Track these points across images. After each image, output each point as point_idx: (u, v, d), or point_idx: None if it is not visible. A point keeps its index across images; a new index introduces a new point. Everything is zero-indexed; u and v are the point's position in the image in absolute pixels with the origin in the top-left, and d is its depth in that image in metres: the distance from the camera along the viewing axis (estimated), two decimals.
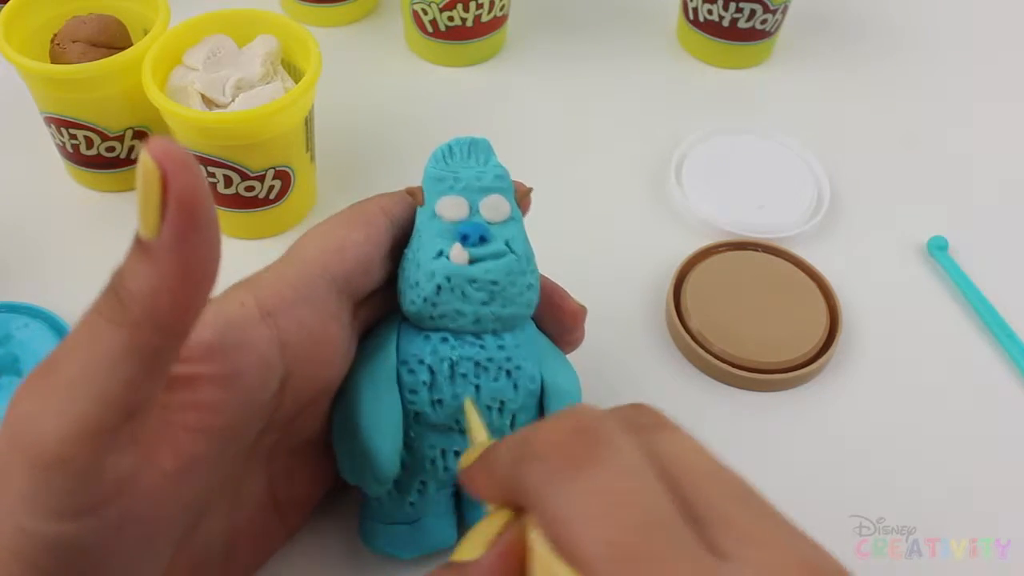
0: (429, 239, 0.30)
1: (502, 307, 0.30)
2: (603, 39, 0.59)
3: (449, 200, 0.30)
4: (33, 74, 0.43)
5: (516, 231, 0.30)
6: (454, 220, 0.30)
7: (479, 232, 0.29)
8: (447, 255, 0.29)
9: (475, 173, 0.30)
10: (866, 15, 0.62)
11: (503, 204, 0.30)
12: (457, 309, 0.29)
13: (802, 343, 0.41)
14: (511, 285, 0.30)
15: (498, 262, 0.29)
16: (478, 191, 0.30)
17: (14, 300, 0.42)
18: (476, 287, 0.29)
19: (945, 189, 0.51)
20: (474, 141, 0.31)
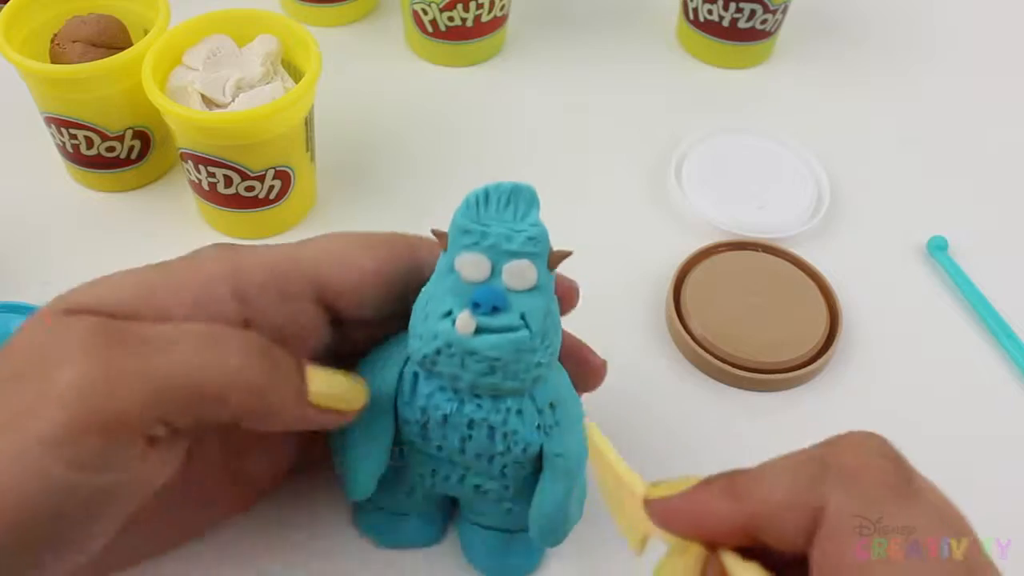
0: (441, 293, 0.27)
1: (502, 380, 0.28)
2: (603, 39, 0.59)
3: (470, 258, 0.27)
4: (33, 74, 0.43)
5: (538, 303, 0.27)
6: (471, 280, 0.27)
7: (493, 301, 0.27)
8: (453, 319, 0.27)
9: (506, 231, 0.27)
10: (866, 15, 0.62)
11: (529, 272, 0.27)
12: (454, 374, 0.28)
13: (802, 343, 0.41)
14: (515, 362, 0.27)
15: (506, 338, 0.27)
16: (504, 253, 0.27)
17: (14, 300, 0.42)
18: (476, 359, 0.27)
19: (945, 189, 0.51)
20: (516, 189, 0.27)
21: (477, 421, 0.29)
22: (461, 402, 0.29)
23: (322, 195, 0.49)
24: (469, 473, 0.31)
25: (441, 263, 0.28)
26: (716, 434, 0.40)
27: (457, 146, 0.52)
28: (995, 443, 0.40)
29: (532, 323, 0.27)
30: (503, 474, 0.30)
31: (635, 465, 0.35)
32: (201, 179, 0.43)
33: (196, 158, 0.42)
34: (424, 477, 0.32)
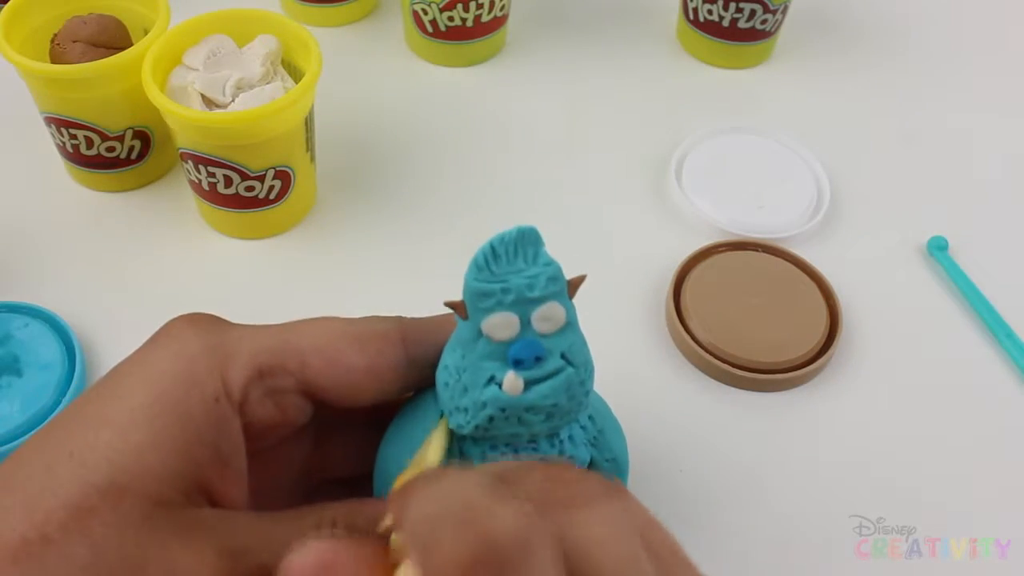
0: (477, 363, 0.26)
1: (561, 419, 0.27)
2: (603, 39, 0.59)
3: (498, 319, 0.25)
4: (33, 74, 0.43)
5: (573, 338, 0.26)
6: (503, 340, 0.26)
7: (534, 353, 0.26)
8: (498, 382, 0.26)
9: (525, 280, 0.25)
10: (866, 15, 0.62)
11: (558, 312, 0.26)
12: (512, 433, 0.27)
13: (802, 343, 0.41)
14: (571, 401, 0.27)
15: (557, 381, 0.26)
16: (529, 303, 0.26)
17: (14, 300, 0.42)
18: (533, 412, 0.26)
19: (945, 189, 0.51)
20: (521, 234, 0.26)
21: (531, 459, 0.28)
22: (515, 451, 0.28)
23: (322, 195, 0.49)
24: None
25: (462, 332, 0.27)
26: (716, 434, 0.40)
27: (457, 146, 0.52)
28: (995, 443, 0.40)
29: (575, 359, 0.26)
30: None
31: (635, 465, 0.36)
32: (201, 179, 0.43)
33: (196, 158, 0.42)
34: None
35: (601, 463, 0.30)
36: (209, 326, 0.27)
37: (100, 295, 0.44)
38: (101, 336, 0.42)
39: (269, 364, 0.27)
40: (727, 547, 0.36)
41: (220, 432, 0.26)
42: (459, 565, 0.19)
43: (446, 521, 0.20)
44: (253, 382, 0.27)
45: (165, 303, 0.43)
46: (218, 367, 0.26)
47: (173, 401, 0.25)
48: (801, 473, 0.38)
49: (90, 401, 0.26)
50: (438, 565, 0.19)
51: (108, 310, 0.43)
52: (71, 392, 0.39)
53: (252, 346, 0.27)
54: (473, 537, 0.19)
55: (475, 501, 0.20)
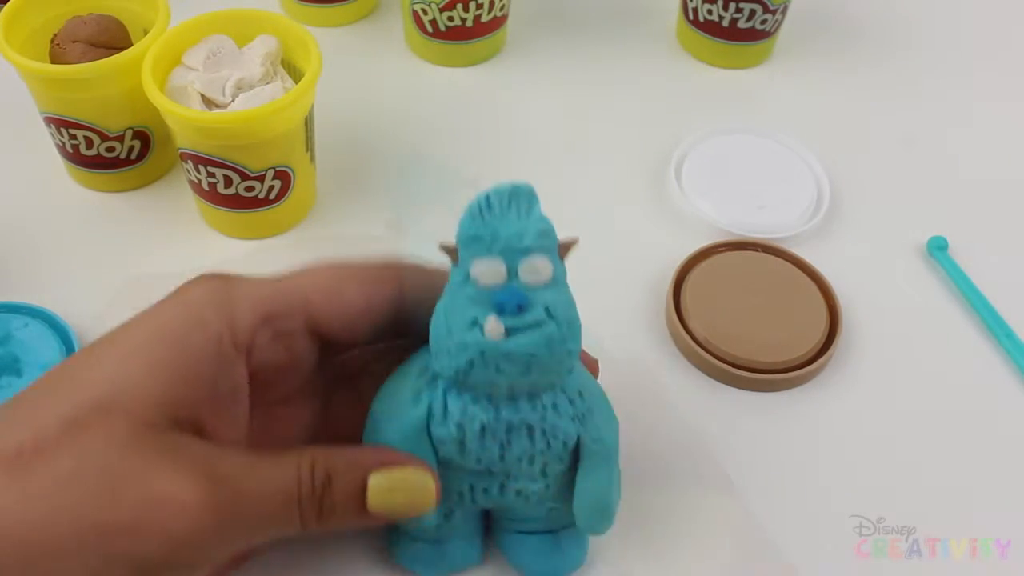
0: (462, 305, 0.27)
1: (539, 377, 0.28)
2: (603, 39, 0.59)
3: (485, 263, 0.26)
4: (33, 74, 0.43)
5: (558, 294, 0.27)
6: (489, 286, 0.27)
7: (517, 301, 0.26)
8: (481, 326, 0.26)
9: (516, 230, 0.27)
10: (866, 15, 0.62)
11: (545, 265, 0.27)
12: (491, 381, 0.27)
13: (802, 343, 0.41)
14: (550, 356, 0.27)
15: (536, 333, 0.27)
16: (518, 252, 0.27)
17: (14, 300, 0.42)
18: (511, 362, 0.27)
19: (945, 189, 0.51)
20: (515, 190, 0.27)
21: (516, 424, 0.29)
22: (497, 409, 0.28)
23: (322, 195, 0.49)
24: (509, 480, 0.30)
25: (454, 277, 0.27)
26: (716, 434, 0.40)
27: (457, 146, 0.52)
28: (995, 443, 0.40)
29: (557, 314, 0.27)
30: (544, 474, 0.30)
31: (634, 464, 0.36)
32: (201, 179, 0.43)
33: (196, 158, 0.42)
34: (463, 495, 0.31)
35: (588, 442, 0.30)
36: (219, 278, 0.29)
37: (100, 295, 0.43)
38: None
39: (275, 307, 0.28)
40: (727, 547, 0.36)
41: (219, 371, 0.27)
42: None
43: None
44: (260, 326, 0.28)
45: None
46: (224, 312, 0.28)
47: (173, 336, 0.27)
48: (801, 473, 0.38)
49: (99, 342, 0.27)
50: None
51: (108, 310, 0.43)
52: None
53: (258, 292, 0.29)
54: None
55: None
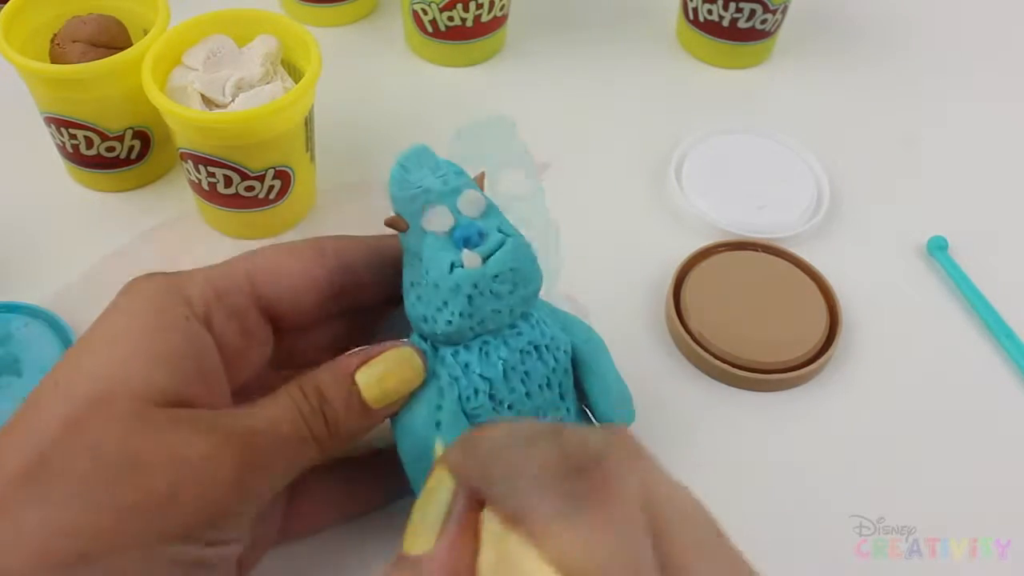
0: (433, 257, 0.29)
1: (526, 287, 0.30)
2: (603, 39, 0.59)
3: (432, 212, 0.29)
4: (33, 74, 0.43)
5: (499, 215, 0.30)
6: (446, 230, 0.29)
7: (475, 230, 0.29)
8: (460, 264, 0.29)
9: (438, 178, 0.30)
10: (865, 15, 0.62)
11: (477, 196, 0.30)
12: (493, 308, 0.30)
13: (802, 343, 0.41)
14: (526, 263, 0.30)
15: (507, 248, 0.29)
16: (450, 193, 0.30)
17: (14, 300, 0.42)
18: (500, 281, 0.29)
19: (945, 189, 0.51)
20: (416, 151, 0.31)
21: (526, 348, 0.30)
22: (505, 342, 0.30)
23: (322, 195, 0.49)
24: (540, 414, 0.32)
25: (410, 242, 0.30)
26: (716, 434, 0.40)
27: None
28: (995, 443, 0.40)
29: (508, 229, 0.30)
30: (562, 396, 0.32)
31: None
32: (201, 179, 0.43)
33: (196, 158, 0.42)
34: None
35: (580, 344, 0.32)
36: (162, 274, 0.30)
37: (100, 295, 0.43)
38: None
39: (221, 283, 0.29)
40: None
41: (196, 347, 0.28)
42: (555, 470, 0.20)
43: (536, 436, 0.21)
44: (213, 303, 0.29)
45: None
46: (180, 295, 0.28)
47: (145, 325, 0.27)
48: (801, 473, 0.38)
49: (69, 353, 0.28)
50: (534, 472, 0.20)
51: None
52: None
53: (204, 274, 0.30)
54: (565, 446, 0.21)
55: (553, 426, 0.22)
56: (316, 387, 0.28)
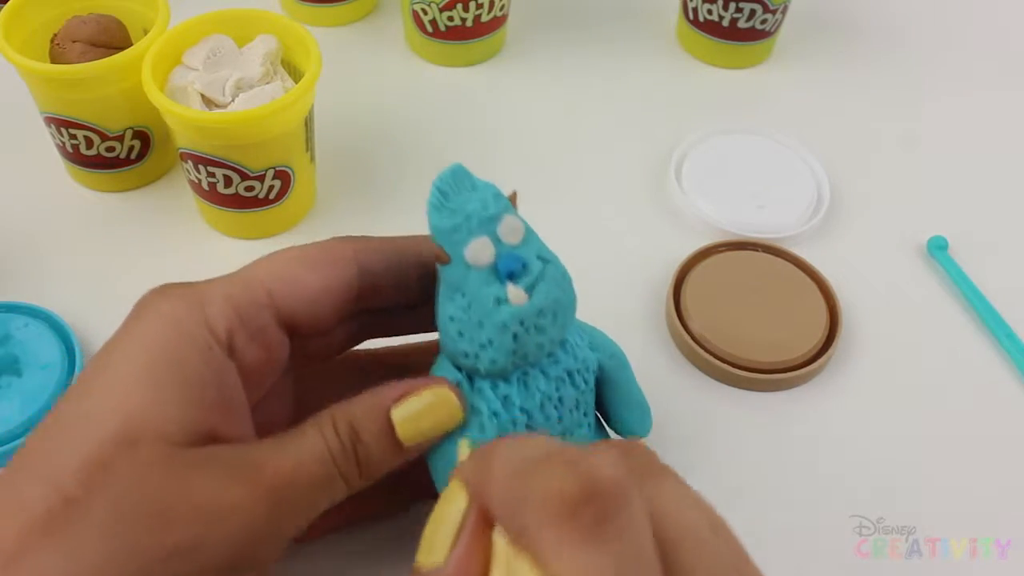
0: (477, 293, 0.28)
1: (565, 315, 0.29)
2: (603, 39, 0.59)
3: (475, 244, 0.28)
4: (33, 74, 0.43)
5: (535, 240, 0.29)
6: (489, 262, 0.28)
7: (518, 262, 0.28)
8: (505, 300, 0.28)
9: (477, 204, 0.28)
10: (865, 15, 0.62)
11: (515, 222, 0.29)
12: (537, 343, 0.29)
13: (802, 343, 0.41)
14: (567, 293, 0.29)
15: (547, 279, 0.28)
16: (491, 221, 0.28)
17: (14, 300, 0.42)
18: (544, 314, 0.28)
19: (945, 189, 0.51)
20: (454, 171, 0.29)
21: (561, 376, 0.30)
22: (544, 373, 0.30)
23: (322, 195, 0.49)
24: (566, 434, 0.31)
25: (451, 275, 0.28)
26: (716, 434, 0.40)
27: (457, 146, 0.52)
28: (995, 443, 0.40)
29: (548, 254, 0.29)
30: (585, 414, 0.32)
31: None
32: (201, 179, 0.43)
33: (196, 158, 0.42)
34: None
35: (605, 360, 0.32)
36: (179, 288, 0.28)
37: (100, 295, 0.43)
38: (101, 336, 0.42)
39: (243, 302, 0.28)
40: None
41: (219, 377, 0.27)
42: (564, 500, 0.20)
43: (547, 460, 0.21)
44: (235, 327, 0.28)
45: None
46: (201, 319, 0.27)
47: (168, 356, 0.26)
48: (801, 473, 0.38)
49: (87, 375, 0.27)
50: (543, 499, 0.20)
51: (108, 310, 0.42)
52: None
53: (223, 291, 0.28)
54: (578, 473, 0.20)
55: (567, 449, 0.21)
56: (349, 424, 0.27)
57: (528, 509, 0.20)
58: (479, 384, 0.29)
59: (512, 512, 0.21)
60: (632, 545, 0.20)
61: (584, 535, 0.19)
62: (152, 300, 0.28)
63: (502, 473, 0.21)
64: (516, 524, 0.21)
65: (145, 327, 0.27)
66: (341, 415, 0.27)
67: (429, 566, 0.22)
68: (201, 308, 0.27)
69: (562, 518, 0.19)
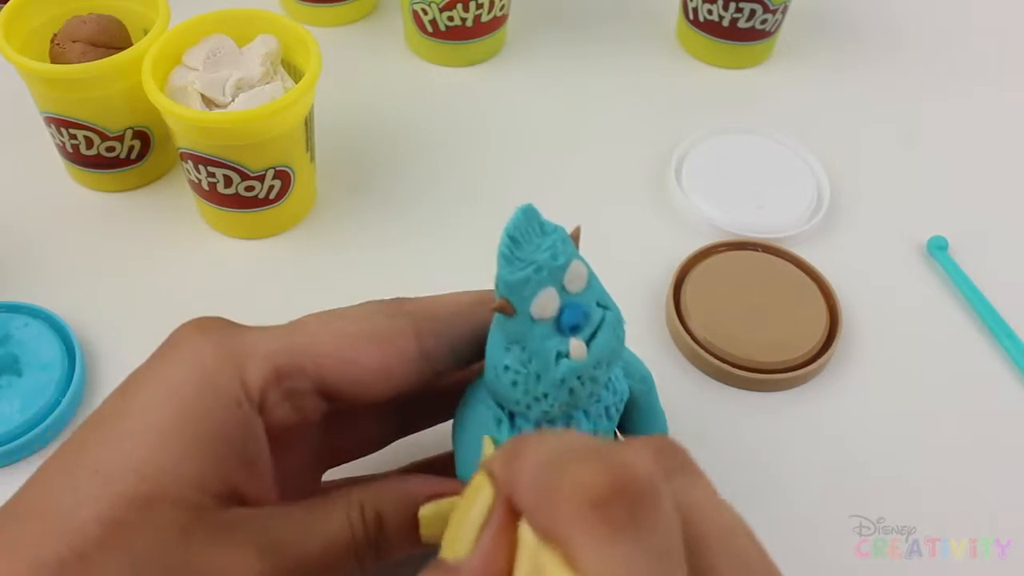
0: (539, 347, 0.27)
1: (615, 362, 0.29)
2: (603, 39, 0.59)
3: (543, 298, 0.27)
4: (33, 74, 0.43)
5: (596, 285, 0.28)
6: (553, 315, 0.27)
7: (581, 314, 0.27)
8: (565, 355, 0.27)
9: (548, 253, 0.27)
10: (865, 15, 0.62)
11: (582, 269, 0.27)
12: (591, 392, 0.28)
13: (802, 343, 0.41)
14: (619, 340, 0.28)
15: (606, 329, 0.28)
16: (559, 271, 0.27)
17: (14, 300, 0.42)
18: (598, 367, 0.28)
19: (945, 189, 0.51)
20: (526, 214, 0.27)
21: (599, 414, 0.30)
22: (585, 415, 0.29)
23: (322, 195, 0.49)
24: None
25: (512, 327, 0.27)
26: (716, 434, 0.40)
27: (457, 146, 0.52)
28: (995, 443, 0.40)
29: (607, 300, 0.28)
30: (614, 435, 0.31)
31: None
32: (201, 179, 0.43)
33: (196, 158, 0.42)
34: None
35: (634, 386, 0.31)
36: (220, 330, 0.27)
37: (100, 295, 0.44)
38: (101, 336, 0.42)
39: (285, 366, 0.27)
40: None
41: (244, 435, 0.26)
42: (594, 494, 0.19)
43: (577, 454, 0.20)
44: (271, 385, 0.27)
45: (165, 303, 0.44)
46: (236, 372, 0.26)
47: (195, 409, 0.25)
48: (801, 473, 0.38)
49: (107, 416, 0.26)
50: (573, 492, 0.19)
51: (108, 310, 0.43)
52: (71, 392, 0.39)
53: (266, 348, 0.27)
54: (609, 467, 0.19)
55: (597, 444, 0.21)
56: (377, 513, 0.27)
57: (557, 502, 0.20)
58: (520, 424, 0.28)
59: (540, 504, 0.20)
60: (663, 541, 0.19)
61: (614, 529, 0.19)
62: (186, 338, 0.27)
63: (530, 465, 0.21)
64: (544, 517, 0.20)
65: (173, 373, 0.26)
66: (370, 502, 0.27)
67: (454, 558, 0.22)
68: (236, 360, 0.26)
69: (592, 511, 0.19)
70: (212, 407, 0.25)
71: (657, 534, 0.19)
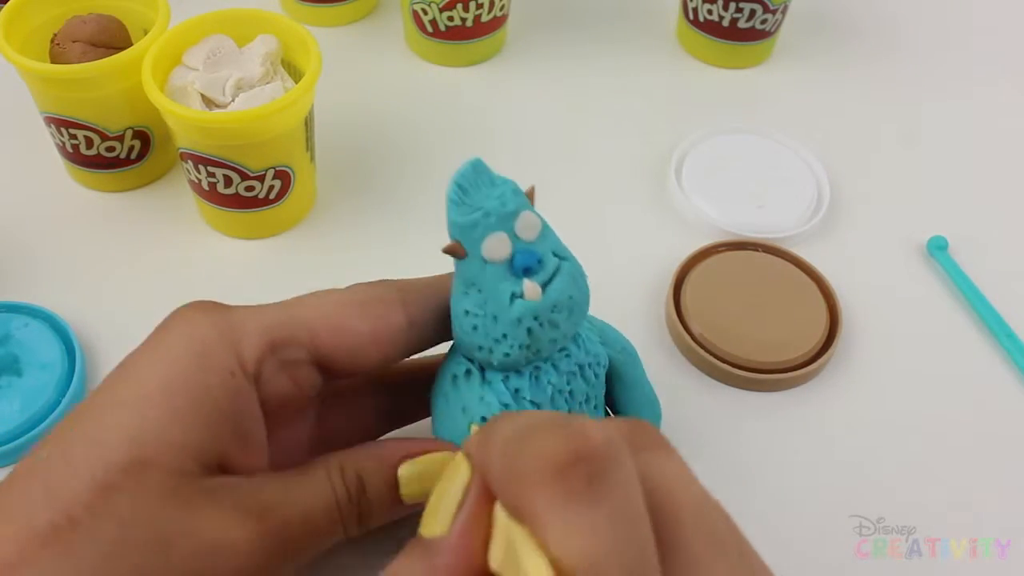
0: (493, 288, 0.28)
1: (580, 311, 0.30)
2: (603, 39, 0.59)
3: (493, 240, 0.28)
4: (33, 74, 0.43)
5: (554, 238, 0.29)
6: (505, 258, 0.28)
7: (534, 258, 0.28)
8: (520, 295, 0.28)
9: (496, 200, 0.28)
10: (865, 15, 0.62)
11: (532, 218, 0.29)
12: (551, 338, 0.29)
13: (802, 343, 0.41)
14: (581, 289, 0.29)
15: (563, 275, 0.29)
16: (508, 217, 0.28)
17: (14, 300, 0.42)
18: (559, 309, 0.29)
19: (945, 189, 0.51)
20: (475, 166, 0.29)
21: (572, 371, 0.30)
22: (555, 366, 0.30)
23: (322, 195, 0.49)
24: None
25: (466, 272, 0.28)
26: (716, 434, 0.40)
27: (457, 146, 0.52)
28: (995, 443, 0.40)
29: (565, 253, 0.29)
30: (596, 408, 0.32)
31: None
32: (201, 179, 0.43)
33: (196, 158, 0.42)
34: None
35: (615, 355, 0.32)
36: (215, 308, 0.28)
37: (100, 295, 0.44)
38: (101, 336, 0.42)
39: (279, 337, 0.28)
40: None
41: (238, 405, 0.27)
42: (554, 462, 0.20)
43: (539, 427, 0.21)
44: (266, 356, 0.27)
45: (165, 303, 0.43)
46: (231, 343, 0.27)
47: (189, 377, 0.26)
48: (801, 473, 0.38)
49: (104, 389, 0.27)
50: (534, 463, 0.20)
51: (108, 310, 0.43)
52: (71, 392, 0.39)
53: (261, 322, 0.28)
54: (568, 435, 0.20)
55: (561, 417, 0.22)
56: (357, 475, 0.28)
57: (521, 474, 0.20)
58: (490, 376, 0.29)
59: (506, 479, 0.21)
60: (624, 506, 0.20)
61: (573, 496, 0.19)
62: (181, 318, 0.28)
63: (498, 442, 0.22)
64: (510, 491, 0.21)
65: (168, 347, 0.27)
66: (349, 464, 0.28)
67: (431, 536, 0.22)
68: (232, 334, 0.27)
69: (552, 480, 0.20)
70: (206, 377, 0.26)
71: (617, 498, 0.19)
